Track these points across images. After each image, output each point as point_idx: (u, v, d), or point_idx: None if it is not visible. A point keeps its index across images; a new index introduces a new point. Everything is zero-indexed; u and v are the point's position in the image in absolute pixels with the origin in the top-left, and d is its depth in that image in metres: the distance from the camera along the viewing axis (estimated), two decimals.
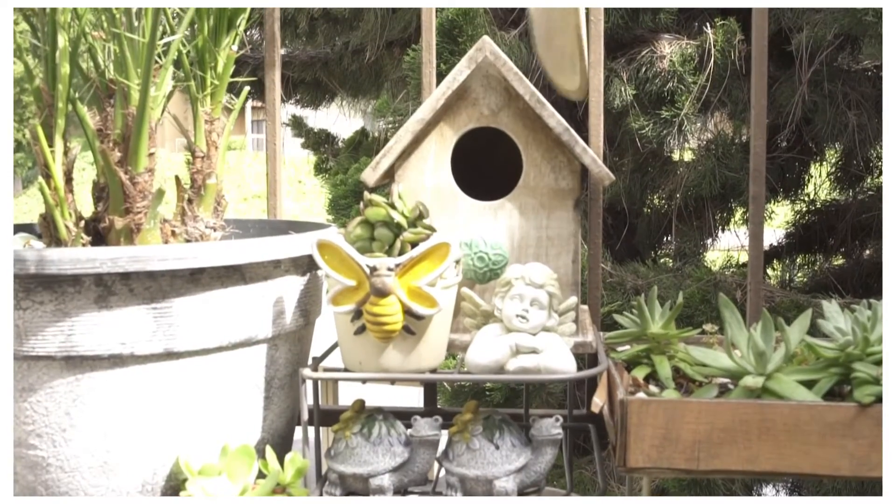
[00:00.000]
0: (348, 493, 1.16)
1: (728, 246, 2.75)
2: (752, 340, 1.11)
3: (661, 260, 2.53)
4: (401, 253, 1.12)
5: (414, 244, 1.12)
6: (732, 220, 2.59)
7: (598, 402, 1.09)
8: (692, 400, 1.06)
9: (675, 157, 2.47)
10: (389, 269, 1.08)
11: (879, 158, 2.55)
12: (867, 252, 2.59)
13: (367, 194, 1.15)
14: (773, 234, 2.79)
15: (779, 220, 2.72)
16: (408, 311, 1.09)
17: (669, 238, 2.51)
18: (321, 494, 1.16)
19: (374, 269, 1.08)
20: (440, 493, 1.17)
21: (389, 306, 1.08)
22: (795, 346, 1.12)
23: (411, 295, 1.09)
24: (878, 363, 1.08)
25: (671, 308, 1.22)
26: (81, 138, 1.23)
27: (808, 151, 2.57)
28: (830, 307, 1.17)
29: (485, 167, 1.32)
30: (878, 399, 1.03)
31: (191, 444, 1.09)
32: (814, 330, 1.15)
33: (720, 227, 2.58)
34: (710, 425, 1.04)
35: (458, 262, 1.16)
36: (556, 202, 1.22)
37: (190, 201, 1.23)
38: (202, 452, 1.09)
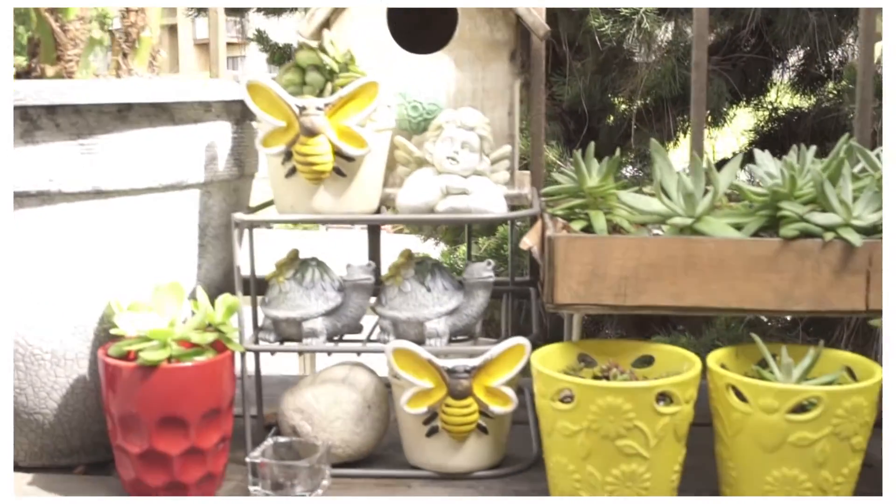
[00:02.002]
0: (283, 338, 1.17)
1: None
2: (681, 183, 1.11)
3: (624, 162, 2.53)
4: None
5: None
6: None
7: (528, 241, 1.09)
8: (619, 237, 1.07)
9: (637, 58, 2.46)
10: (318, 109, 1.08)
11: (841, 63, 2.55)
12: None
13: (298, 40, 1.14)
14: (737, 142, 2.79)
15: (740, 126, 2.72)
16: (338, 152, 1.09)
17: (631, 142, 2.51)
18: (257, 341, 1.16)
19: (303, 109, 1.08)
20: (374, 342, 1.18)
21: (318, 146, 1.08)
22: (724, 189, 1.12)
23: (341, 135, 1.09)
24: (806, 203, 1.09)
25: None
26: None
27: (770, 53, 2.57)
28: (762, 155, 1.18)
29: (430, 35, 1.31)
30: (802, 234, 1.04)
31: (123, 287, 1.10)
32: None
33: (681, 132, 2.58)
34: (637, 261, 1.04)
35: (390, 106, 1.16)
36: (491, 54, 1.22)
37: (124, 55, 1.22)
38: (134, 294, 1.09)
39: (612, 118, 2.60)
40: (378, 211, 1.19)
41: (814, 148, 1.14)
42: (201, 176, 1.13)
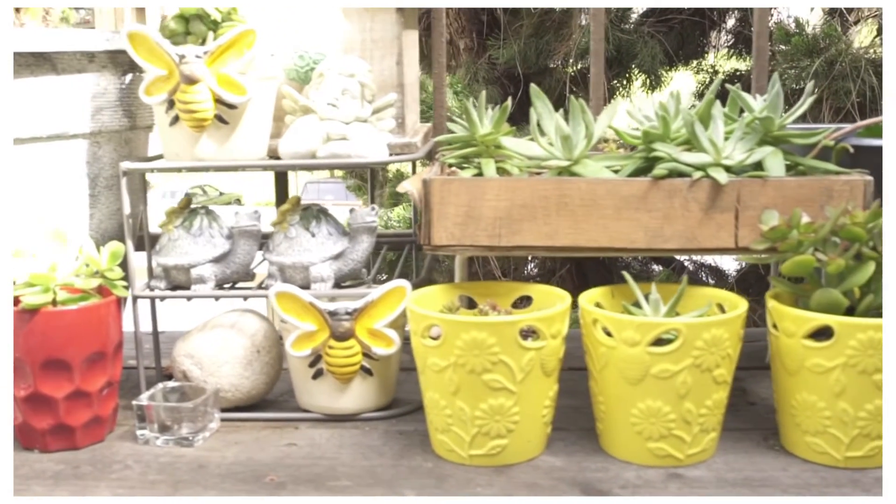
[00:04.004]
0: (173, 286, 1.18)
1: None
2: (558, 127, 1.14)
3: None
4: None
5: None
6: (630, 87, 2.60)
7: (406, 185, 1.11)
8: (493, 178, 1.09)
9: (573, 21, 2.48)
10: (197, 57, 1.09)
11: (777, 24, 2.58)
12: None
13: None
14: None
15: (687, 90, 2.74)
16: (218, 100, 1.11)
17: (567, 104, 2.52)
18: (151, 289, 1.18)
19: (182, 57, 1.09)
20: (264, 288, 1.20)
21: (199, 93, 1.09)
22: (601, 133, 1.15)
23: (221, 82, 1.10)
24: (680, 145, 1.11)
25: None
26: None
27: (705, 16, 2.59)
28: (642, 100, 1.20)
29: None
30: (671, 174, 1.07)
31: (12, 236, 1.11)
32: None
33: (618, 94, 2.60)
34: (510, 202, 1.07)
35: (273, 55, 1.17)
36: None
37: (17, 10, 1.24)
38: (19, 242, 1.11)
39: (549, 79, 2.61)
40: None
41: (690, 92, 1.16)
42: (87, 126, 1.15)
